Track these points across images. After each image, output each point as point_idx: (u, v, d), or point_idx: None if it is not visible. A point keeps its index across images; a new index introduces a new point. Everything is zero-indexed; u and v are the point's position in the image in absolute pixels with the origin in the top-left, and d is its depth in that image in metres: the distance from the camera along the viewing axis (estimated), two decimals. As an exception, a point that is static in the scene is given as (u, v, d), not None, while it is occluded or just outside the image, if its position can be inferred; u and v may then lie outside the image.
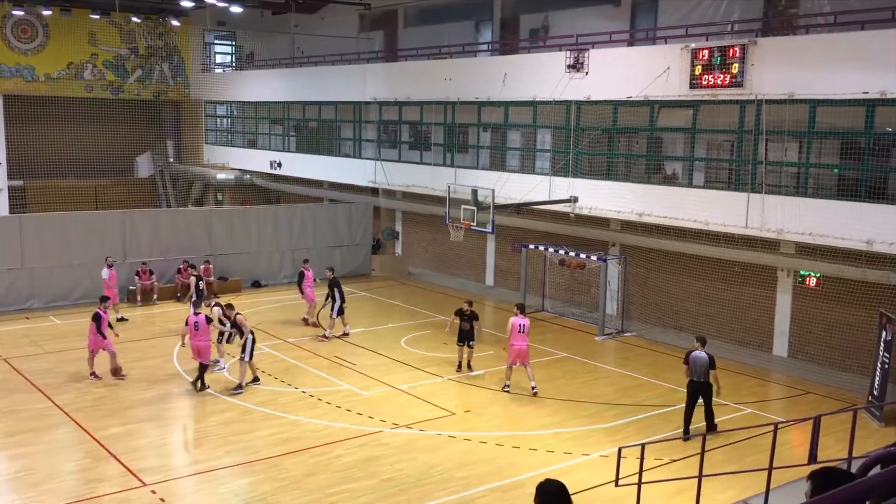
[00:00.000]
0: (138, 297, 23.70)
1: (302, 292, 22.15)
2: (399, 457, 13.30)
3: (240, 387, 16.21)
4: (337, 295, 20.36)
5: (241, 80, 38.12)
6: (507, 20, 28.26)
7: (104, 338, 16.83)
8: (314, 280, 22.26)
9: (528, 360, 16.41)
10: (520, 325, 16.33)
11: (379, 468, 12.84)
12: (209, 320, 16.72)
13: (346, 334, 20.67)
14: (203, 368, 16.22)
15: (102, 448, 13.42)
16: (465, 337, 17.59)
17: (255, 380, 16.64)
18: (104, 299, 17.90)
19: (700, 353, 14.11)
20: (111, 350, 16.96)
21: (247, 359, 16.38)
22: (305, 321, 21.91)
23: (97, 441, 13.71)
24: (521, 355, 16.29)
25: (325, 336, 20.41)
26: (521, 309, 16.72)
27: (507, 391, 16.40)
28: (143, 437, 14.04)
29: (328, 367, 18.01)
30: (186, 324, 16.62)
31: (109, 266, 21.95)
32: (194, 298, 19.76)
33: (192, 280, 21.81)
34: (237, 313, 17.04)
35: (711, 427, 14.08)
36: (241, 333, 16.61)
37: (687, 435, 14.00)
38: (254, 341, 16.53)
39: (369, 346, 19.82)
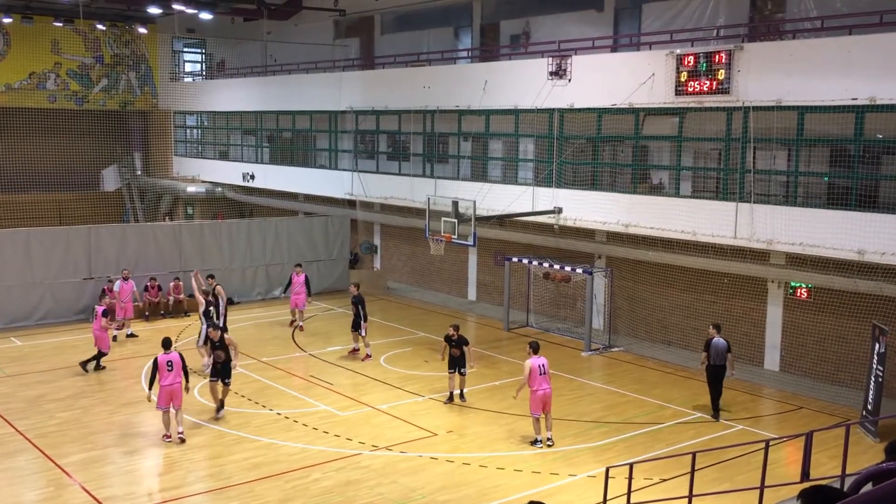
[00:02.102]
0: (146, 313, 24.11)
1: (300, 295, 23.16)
2: (379, 480, 13.23)
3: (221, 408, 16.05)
4: (361, 312, 20.03)
5: (212, 90, 38.03)
6: (487, 26, 28.41)
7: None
8: (307, 286, 23.21)
9: (550, 407, 14.80)
10: (539, 366, 14.62)
11: (358, 492, 12.77)
12: (182, 357, 15.18)
13: (355, 350, 20.50)
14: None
15: (66, 475, 13.26)
16: (456, 364, 16.98)
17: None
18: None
19: (719, 340, 16.34)
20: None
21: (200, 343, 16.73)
22: (293, 324, 22.64)
23: (60, 468, 13.54)
24: (546, 401, 14.62)
25: (367, 355, 20.17)
26: (536, 348, 14.93)
27: (545, 445, 14.63)
28: (109, 464, 13.88)
29: (304, 388, 17.92)
30: (156, 365, 14.70)
31: (125, 279, 22.50)
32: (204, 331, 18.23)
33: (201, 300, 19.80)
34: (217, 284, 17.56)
35: (719, 409, 16.36)
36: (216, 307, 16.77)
37: (717, 415, 16.28)
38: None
39: (347, 365, 19.74)
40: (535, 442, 14.78)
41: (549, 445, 14.68)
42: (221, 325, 20.01)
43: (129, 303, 22.28)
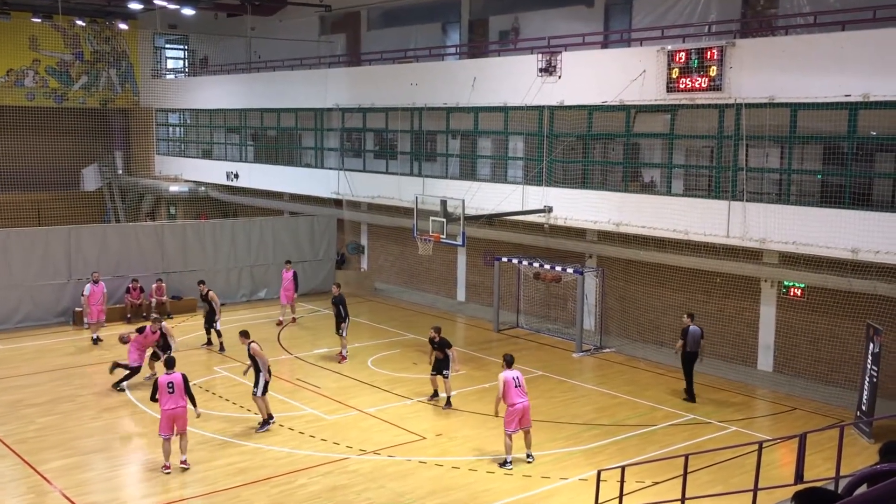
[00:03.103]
0: (128, 314, 23.92)
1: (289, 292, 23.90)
2: (367, 485, 13.21)
3: (266, 422, 15.57)
4: (343, 312, 20.05)
5: (195, 87, 37.89)
6: (476, 22, 28.42)
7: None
8: (295, 282, 23.76)
9: (529, 422, 14.20)
10: (514, 378, 14.02)
11: (346, 497, 12.75)
12: (185, 378, 13.86)
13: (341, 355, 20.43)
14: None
15: (46, 482, 13.18)
16: (439, 366, 16.95)
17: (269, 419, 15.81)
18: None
19: (695, 328, 17.68)
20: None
21: (259, 393, 15.53)
22: (282, 322, 23.10)
23: (40, 475, 13.46)
24: (524, 416, 14.02)
25: (342, 356, 20.23)
26: (510, 362, 14.35)
27: (510, 468, 13.91)
28: (90, 470, 13.82)
29: (290, 391, 17.88)
30: (156, 386, 13.80)
31: (95, 282, 22.19)
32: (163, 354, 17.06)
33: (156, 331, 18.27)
34: (251, 342, 15.82)
35: (693, 393, 17.53)
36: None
37: (693, 398, 17.47)
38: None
39: (333, 368, 19.71)
40: (504, 463, 13.94)
41: (529, 462, 14.11)
42: (217, 328, 20.71)
43: (99, 306, 22.02)
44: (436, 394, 17.34)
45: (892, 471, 4.88)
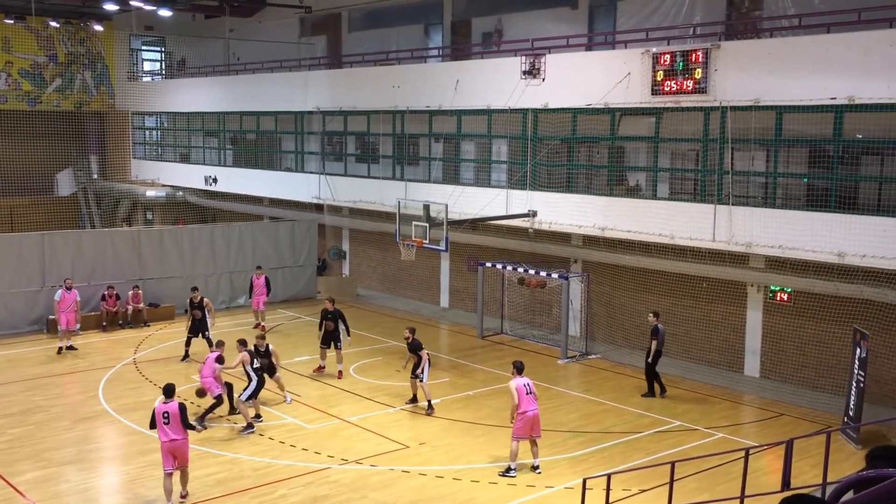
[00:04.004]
0: (104, 322, 23.70)
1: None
2: (349, 495, 13.18)
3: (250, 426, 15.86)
4: (344, 326, 19.69)
5: (172, 89, 37.73)
6: (459, 24, 28.48)
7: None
8: (267, 287, 23.86)
9: (539, 431, 14.19)
10: (525, 385, 14.01)
11: (326, 508, 12.71)
12: (183, 408, 12.82)
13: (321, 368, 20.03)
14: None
15: (19, 494, 13.06)
16: (414, 369, 17.08)
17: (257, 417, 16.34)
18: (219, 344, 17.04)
19: (662, 326, 18.59)
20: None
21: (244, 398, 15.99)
22: (258, 327, 22.87)
23: (13, 487, 13.33)
24: (535, 424, 14.01)
25: (340, 372, 19.73)
26: (521, 368, 14.32)
27: (513, 475, 13.94)
28: (65, 482, 13.70)
29: (270, 399, 17.78)
30: (154, 416, 12.82)
31: (67, 289, 21.81)
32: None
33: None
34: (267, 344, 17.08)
35: (663, 388, 18.40)
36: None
37: (664, 390, 18.38)
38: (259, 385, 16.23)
39: (314, 376, 19.64)
40: (508, 471, 13.95)
41: (537, 473, 14.05)
42: (208, 336, 20.30)
43: (71, 313, 21.68)
44: (415, 398, 17.41)
45: (880, 476, 4.92)
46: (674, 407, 17.66)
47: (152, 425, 12.76)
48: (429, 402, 17.07)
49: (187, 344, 20.72)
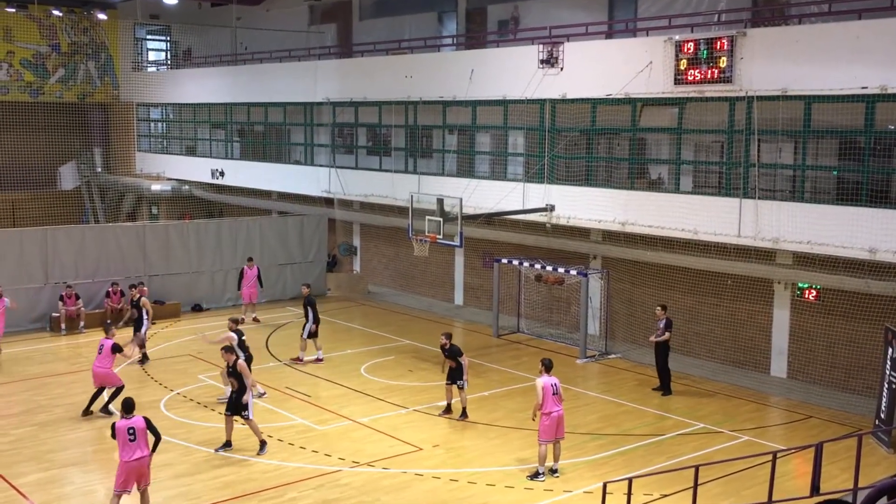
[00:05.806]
0: (63, 325, 23.26)
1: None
2: (360, 499, 13.19)
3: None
4: (310, 315, 20.27)
5: (178, 80, 37.88)
6: (474, 11, 28.44)
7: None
8: (259, 280, 24.43)
9: (563, 432, 14.18)
10: (552, 385, 14.04)
11: (337, 512, 12.74)
12: (149, 422, 12.60)
13: (319, 360, 20.60)
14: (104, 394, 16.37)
15: (21, 496, 13.14)
16: (453, 376, 16.72)
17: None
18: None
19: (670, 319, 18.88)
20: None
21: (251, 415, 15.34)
22: (256, 320, 23.42)
23: (15, 489, 13.42)
24: (559, 425, 13.98)
25: (299, 359, 20.53)
26: (549, 366, 14.35)
27: (542, 479, 13.85)
28: (68, 484, 13.78)
29: (279, 400, 17.84)
30: (114, 433, 12.66)
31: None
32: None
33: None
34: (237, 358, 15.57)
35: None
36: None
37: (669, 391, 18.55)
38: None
39: (325, 376, 19.69)
40: (537, 475, 13.88)
41: (555, 476, 14.01)
42: (141, 334, 20.42)
43: None
44: (449, 409, 17.02)
45: (914, 482, 4.88)
46: (697, 409, 17.59)
47: (113, 435, 12.34)
48: (463, 408, 16.90)
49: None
